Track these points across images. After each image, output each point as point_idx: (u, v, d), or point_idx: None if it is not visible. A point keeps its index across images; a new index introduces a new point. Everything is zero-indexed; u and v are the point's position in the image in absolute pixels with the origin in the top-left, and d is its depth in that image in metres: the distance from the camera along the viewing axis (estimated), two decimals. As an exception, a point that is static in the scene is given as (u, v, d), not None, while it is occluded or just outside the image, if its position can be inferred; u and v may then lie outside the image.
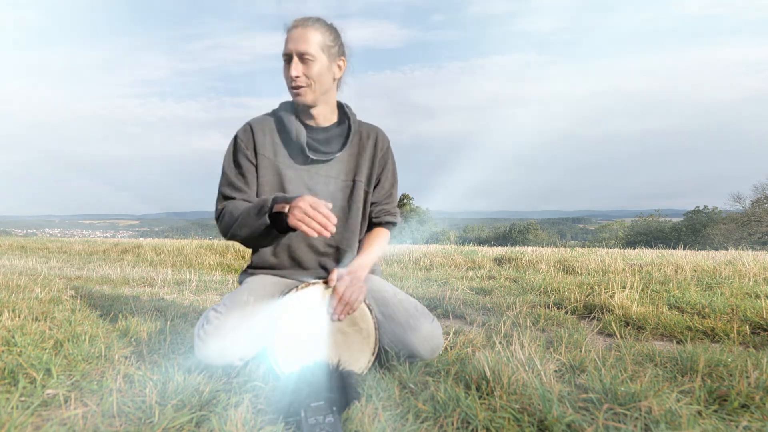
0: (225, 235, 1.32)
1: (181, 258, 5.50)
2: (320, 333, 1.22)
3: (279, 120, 1.40)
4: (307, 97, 1.31)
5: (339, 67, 1.37)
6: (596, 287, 2.69)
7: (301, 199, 1.10)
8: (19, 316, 1.73)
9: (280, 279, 1.43)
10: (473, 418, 0.94)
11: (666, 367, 1.31)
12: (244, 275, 1.49)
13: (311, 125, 1.40)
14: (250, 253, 1.96)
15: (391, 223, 1.52)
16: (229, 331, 1.17)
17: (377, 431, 0.90)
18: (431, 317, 1.31)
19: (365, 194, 1.44)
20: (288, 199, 1.15)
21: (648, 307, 2.11)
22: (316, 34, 1.28)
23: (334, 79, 1.37)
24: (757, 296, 2.39)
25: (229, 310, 1.21)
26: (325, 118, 1.40)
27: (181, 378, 1.11)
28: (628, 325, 1.94)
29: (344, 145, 1.40)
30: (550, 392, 1.02)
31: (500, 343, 1.43)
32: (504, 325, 1.84)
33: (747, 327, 1.78)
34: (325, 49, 1.30)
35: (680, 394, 1.08)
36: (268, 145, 1.38)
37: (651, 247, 7.13)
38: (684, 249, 6.18)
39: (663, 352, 1.42)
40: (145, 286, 3.32)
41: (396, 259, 5.16)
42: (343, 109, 1.44)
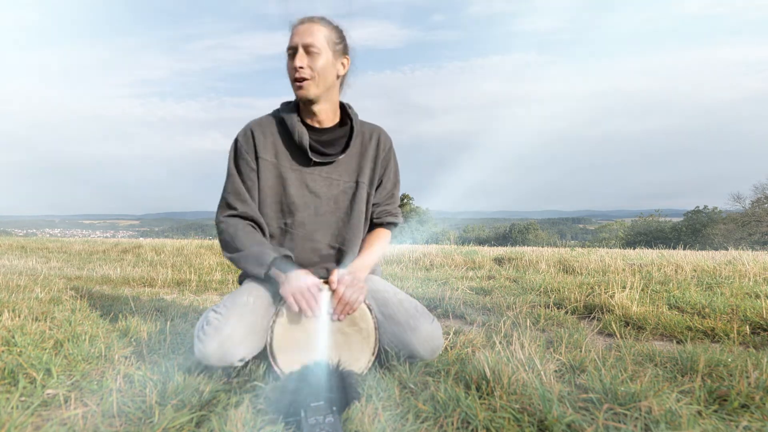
0: (224, 255, 1.36)
1: (181, 258, 5.50)
2: (320, 333, 1.22)
3: (280, 121, 1.39)
4: (310, 90, 1.30)
5: (343, 65, 1.37)
6: (596, 287, 2.69)
7: (296, 279, 1.20)
8: (19, 316, 1.73)
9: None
10: (473, 418, 0.94)
11: (666, 367, 1.31)
12: (244, 276, 1.48)
13: (313, 126, 1.38)
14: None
15: (392, 224, 1.51)
16: (229, 331, 1.17)
17: (377, 431, 0.90)
18: (431, 317, 1.31)
19: (368, 196, 1.44)
20: (283, 268, 1.24)
21: (648, 307, 2.11)
22: (322, 29, 1.29)
23: (338, 76, 1.36)
24: (757, 296, 2.39)
25: (228, 310, 1.21)
26: (327, 118, 1.39)
27: (181, 378, 1.11)
28: (628, 325, 1.94)
29: (347, 146, 1.39)
30: (550, 392, 1.02)
31: (500, 343, 1.43)
32: (504, 325, 1.84)
33: (747, 327, 1.78)
34: (331, 44, 1.30)
35: (680, 394, 1.08)
36: (269, 147, 1.37)
37: (651, 247, 7.13)
38: (684, 249, 6.18)
39: (663, 352, 1.42)
40: (145, 286, 3.32)
41: (396, 259, 5.15)
42: (345, 110, 1.43)
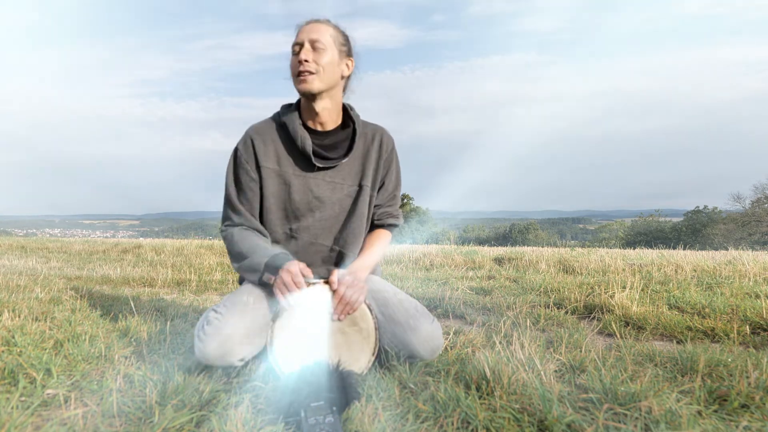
0: (233, 266, 1.38)
1: (181, 258, 5.50)
2: (320, 333, 1.22)
3: (282, 126, 1.38)
4: (313, 84, 1.28)
5: (347, 66, 1.37)
6: (596, 287, 2.69)
7: (284, 271, 1.21)
8: (19, 316, 1.73)
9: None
10: (473, 418, 0.94)
11: (666, 367, 1.31)
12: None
13: (316, 129, 1.37)
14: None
15: (393, 225, 1.51)
16: (229, 331, 1.17)
17: (377, 431, 0.90)
18: (431, 318, 1.31)
19: (370, 198, 1.43)
20: (276, 267, 1.25)
21: (648, 307, 2.11)
22: (329, 28, 1.31)
23: (342, 77, 1.36)
24: (757, 296, 2.39)
25: (229, 310, 1.21)
26: (330, 119, 1.37)
27: (181, 378, 1.11)
28: (628, 325, 1.94)
29: (350, 150, 1.38)
30: (550, 392, 1.02)
31: (500, 343, 1.43)
32: (504, 325, 1.84)
33: (747, 327, 1.78)
34: (337, 43, 1.31)
35: (680, 394, 1.08)
36: (270, 154, 1.36)
37: (651, 247, 7.13)
38: (684, 249, 6.18)
39: (663, 352, 1.42)
40: (145, 286, 3.32)
41: (396, 259, 5.16)
42: (347, 112, 1.41)
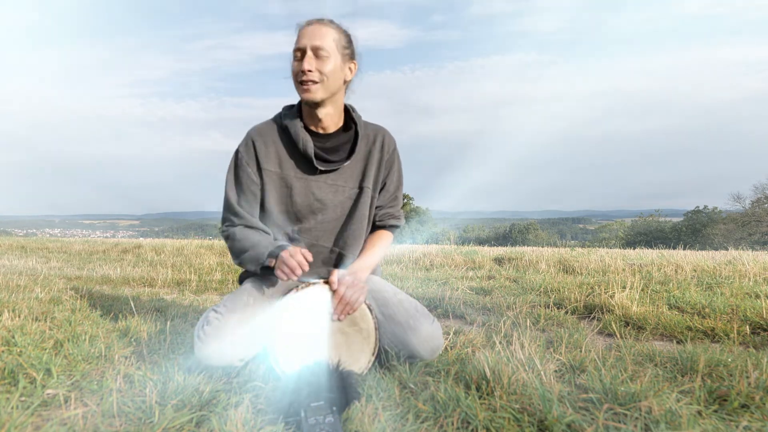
0: (234, 261, 1.37)
1: (181, 258, 5.50)
2: (320, 333, 1.22)
3: (283, 128, 1.36)
4: (317, 93, 1.27)
5: (350, 70, 1.34)
6: (596, 287, 2.69)
7: (285, 252, 1.22)
8: (19, 316, 1.73)
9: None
10: (473, 418, 0.94)
11: (666, 367, 1.31)
12: (244, 275, 1.48)
13: (317, 132, 1.36)
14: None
15: (394, 226, 1.51)
16: (229, 332, 1.17)
17: (377, 431, 0.90)
18: (431, 318, 1.31)
19: (371, 199, 1.43)
20: (276, 253, 1.26)
21: (648, 307, 2.11)
22: (331, 31, 1.27)
23: (345, 81, 1.34)
24: (757, 296, 2.39)
25: (229, 311, 1.21)
26: (332, 123, 1.36)
27: (181, 378, 1.11)
28: (628, 325, 1.94)
29: (352, 152, 1.37)
30: (550, 392, 1.02)
31: (500, 343, 1.43)
32: (504, 325, 1.84)
33: (747, 327, 1.78)
34: (340, 48, 1.28)
35: (680, 394, 1.08)
36: (272, 157, 1.35)
37: (651, 247, 7.13)
38: (684, 249, 6.18)
39: (663, 352, 1.42)
40: (145, 286, 3.32)
41: (396, 259, 5.15)
42: (349, 113, 1.40)
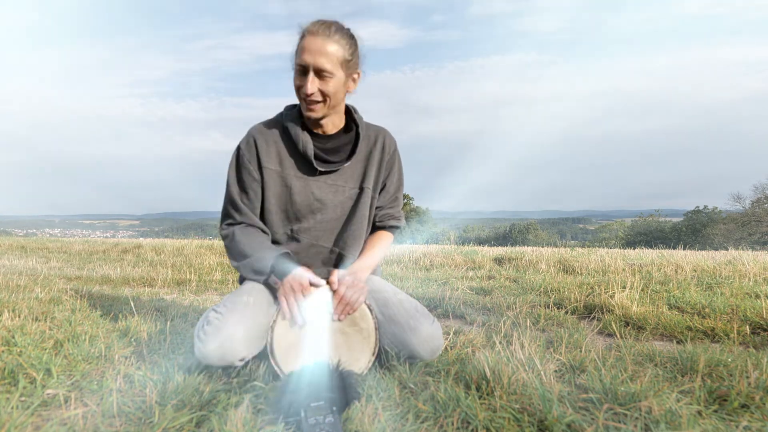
0: (231, 263, 1.37)
1: (181, 258, 5.50)
2: (321, 333, 1.22)
3: (285, 128, 1.37)
4: (319, 112, 1.28)
5: (354, 81, 1.32)
6: (596, 287, 2.69)
7: (291, 278, 1.23)
8: (19, 316, 1.73)
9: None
10: (473, 418, 0.94)
11: (666, 367, 1.31)
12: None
13: (318, 133, 1.36)
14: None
15: (394, 227, 1.51)
16: (229, 331, 1.17)
17: (377, 431, 0.90)
18: (431, 318, 1.31)
19: (371, 200, 1.43)
20: (283, 272, 1.26)
21: (648, 307, 2.11)
22: (336, 47, 1.21)
23: (348, 91, 1.33)
24: (757, 296, 2.39)
25: (229, 310, 1.21)
26: (332, 125, 1.36)
27: (181, 378, 1.11)
28: (628, 325, 1.94)
29: (352, 153, 1.38)
30: (550, 392, 1.02)
31: (500, 343, 1.43)
32: (504, 325, 1.84)
33: (747, 327, 1.78)
34: (344, 63, 1.24)
35: (680, 394, 1.08)
36: (273, 156, 1.36)
37: (651, 247, 7.13)
38: (684, 249, 6.18)
39: (663, 352, 1.42)
40: (145, 286, 3.32)
41: (396, 259, 5.15)
42: (350, 114, 1.40)
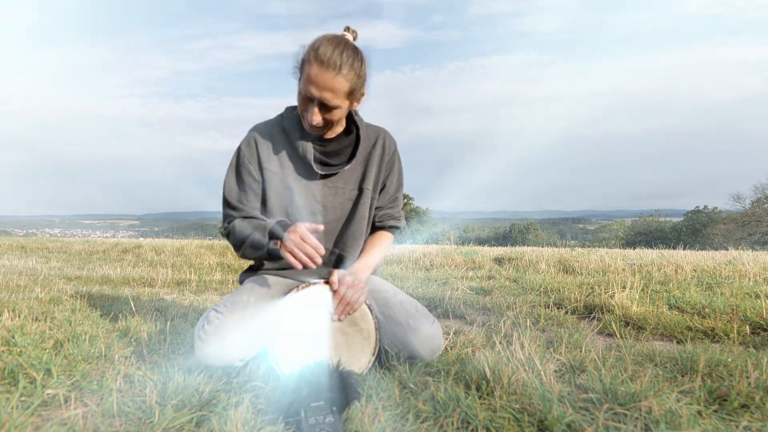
0: (237, 255, 1.35)
1: (181, 258, 5.50)
2: (321, 333, 1.22)
3: (285, 131, 1.36)
4: (321, 132, 1.29)
5: (358, 100, 1.30)
6: (596, 287, 2.69)
7: (292, 232, 1.16)
8: (19, 316, 1.73)
9: (280, 279, 1.42)
10: (473, 418, 0.94)
11: (666, 367, 1.31)
12: (244, 275, 1.48)
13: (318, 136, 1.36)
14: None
15: (394, 227, 1.51)
16: (229, 331, 1.17)
17: (377, 431, 0.90)
18: (432, 318, 1.31)
19: (371, 200, 1.43)
20: (281, 230, 1.21)
21: (648, 307, 2.11)
22: (343, 81, 1.18)
23: (351, 109, 1.31)
24: (757, 296, 2.39)
25: (229, 310, 1.21)
26: (333, 131, 1.35)
27: (181, 378, 1.11)
28: (628, 325, 1.94)
29: (353, 156, 1.37)
30: (550, 392, 1.02)
31: (500, 343, 1.43)
32: (504, 325, 1.84)
33: (747, 327, 1.78)
34: (351, 93, 1.22)
35: (680, 394, 1.08)
36: (273, 157, 1.35)
37: (651, 247, 7.13)
38: (684, 249, 6.18)
39: (663, 352, 1.42)
40: (145, 286, 3.32)
41: (396, 259, 5.16)
42: (351, 117, 1.38)
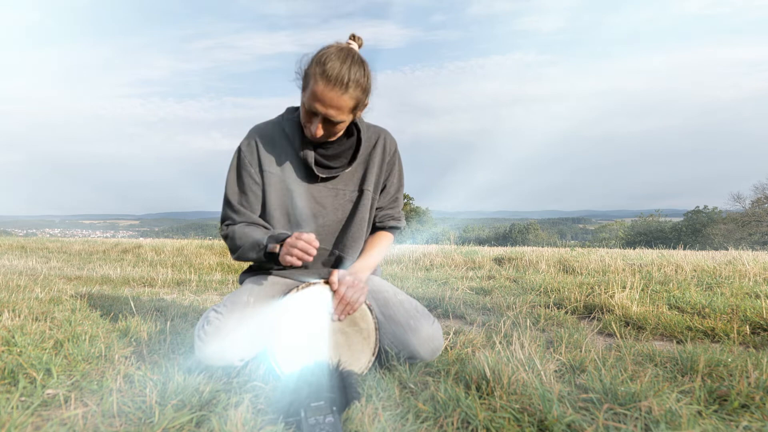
0: (234, 258, 1.35)
1: (181, 258, 5.50)
2: (321, 333, 1.22)
3: (285, 133, 1.35)
4: (322, 140, 1.28)
5: (361, 110, 1.28)
6: (596, 287, 2.69)
7: (293, 237, 1.18)
8: (19, 316, 1.73)
9: (280, 279, 1.42)
10: (473, 418, 0.94)
11: (666, 367, 1.31)
12: (244, 275, 1.48)
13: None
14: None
15: (394, 228, 1.50)
16: (229, 331, 1.17)
17: (377, 431, 0.90)
18: (432, 318, 1.31)
19: (372, 201, 1.42)
20: (279, 239, 1.22)
21: (648, 307, 2.11)
22: (350, 101, 1.18)
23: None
24: (757, 296, 2.39)
25: (229, 310, 1.21)
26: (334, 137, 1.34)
27: (181, 378, 1.11)
28: (628, 325, 1.94)
29: (353, 159, 1.36)
30: (550, 392, 1.02)
31: (500, 343, 1.43)
32: (504, 325, 1.84)
33: (747, 327, 1.78)
34: (355, 107, 1.21)
35: (680, 394, 1.08)
36: (274, 159, 1.35)
37: (651, 247, 7.13)
38: (684, 249, 6.18)
39: (663, 352, 1.42)
40: (145, 286, 3.32)
41: (396, 259, 5.16)
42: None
